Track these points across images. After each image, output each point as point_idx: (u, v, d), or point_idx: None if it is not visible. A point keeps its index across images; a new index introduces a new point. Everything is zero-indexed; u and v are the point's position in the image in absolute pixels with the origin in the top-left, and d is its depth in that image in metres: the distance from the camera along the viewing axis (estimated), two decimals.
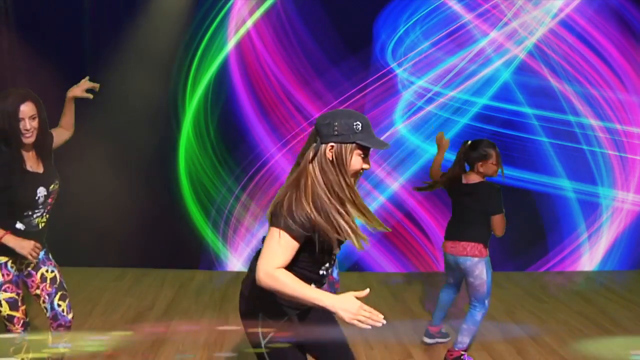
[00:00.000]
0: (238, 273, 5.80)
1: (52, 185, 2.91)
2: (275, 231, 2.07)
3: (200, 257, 5.87)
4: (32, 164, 2.85)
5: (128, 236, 5.77)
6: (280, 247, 2.06)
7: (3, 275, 2.86)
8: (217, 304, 4.88)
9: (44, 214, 2.93)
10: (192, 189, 5.77)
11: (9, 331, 2.91)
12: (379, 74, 5.71)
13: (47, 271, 2.99)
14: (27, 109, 2.71)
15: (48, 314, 3.01)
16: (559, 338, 4.26)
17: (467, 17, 5.71)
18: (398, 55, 5.74)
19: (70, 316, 3.04)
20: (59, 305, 2.97)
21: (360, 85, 5.70)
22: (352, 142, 2.08)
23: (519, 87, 5.82)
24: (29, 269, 2.98)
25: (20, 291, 2.92)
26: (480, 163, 3.62)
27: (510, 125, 5.77)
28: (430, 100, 5.79)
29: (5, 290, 2.87)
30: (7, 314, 2.88)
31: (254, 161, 5.72)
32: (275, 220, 2.09)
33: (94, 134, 5.54)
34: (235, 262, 5.89)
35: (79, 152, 5.46)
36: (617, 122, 5.94)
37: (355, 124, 2.07)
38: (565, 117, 5.87)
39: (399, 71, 5.75)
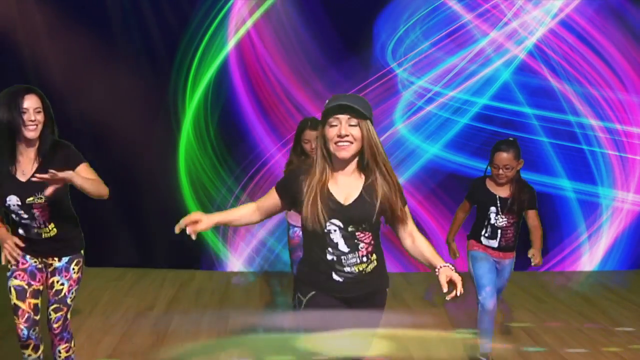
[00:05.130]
0: (238, 273, 5.81)
1: (31, 198, 2.74)
2: None
3: (200, 257, 5.87)
4: (25, 168, 2.76)
5: (128, 236, 5.78)
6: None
7: (18, 263, 2.85)
8: (217, 304, 4.88)
9: (41, 225, 2.83)
10: (192, 189, 5.77)
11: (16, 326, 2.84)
12: (379, 74, 5.71)
13: (57, 282, 2.90)
14: (32, 101, 2.67)
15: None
16: (559, 338, 4.26)
17: (467, 17, 5.71)
18: (398, 55, 5.74)
19: (56, 325, 2.91)
20: (49, 314, 2.91)
21: (360, 85, 5.69)
22: (323, 116, 2.21)
23: (519, 87, 5.82)
24: (48, 269, 2.92)
25: (34, 283, 2.87)
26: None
27: (510, 125, 5.76)
28: (430, 100, 5.79)
29: (15, 277, 2.85)
30: (14, 303, 2.83)
31: (254, 161, 5.71)
32: None
33: (93, 133, 5.55)
34: (235, 262, 5.89)
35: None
36: (617, 122, 5.93)
37: (327, 101, 2.20)
38: (565, 117, 5.87)
39: (399, 71, 5.75)
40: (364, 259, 2.27)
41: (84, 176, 2.75)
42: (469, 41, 5.75)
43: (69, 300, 2.94)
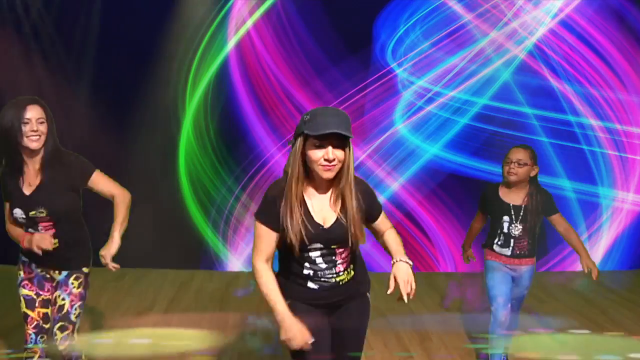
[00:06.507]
0: (238, 273, 5.81)
1: (33, 212, 2.76)
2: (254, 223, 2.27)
3: (200, 257, 5.87)
4: (31, 180, 2.78)
5: (128, 236, 5.74)
6: (256, 237, 2.24)
7: (24, 272, 2.90)
8: (217, 304, 4.89)
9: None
10: (192, 189, 5.77)
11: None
12: (379, 74, 5.71)
13: (59, 296, 2.88)
14: (34, 111, 2.68)
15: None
16: None
17: (467, 17, 5.71)
18: (398, 55, 5.74)
19: (61, 347, 2.85)
20: (55, 334, 2.86)
21: (360, 85, 5.70)
22: (301, 133, 2.15)
23: (519, 87, 5.82)
24: (53, 281, 2.92)
25: (43, 293, 2.91)
26: None
27: (510, 125, 5.76)
28: (430, 100, 5.79)
29: (23, 287, 2.90)
30: (23, 312, 2.88)
31: (254, 161, 5.72)
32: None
33: (93, 133, 5.55)
34: (235, 262, 5.89)
35: (78, 152, 5.47)
36: (617, 122, 5.93)
37: (305, 117, 2.15)
38: (565, 117, 5.87)
39: (399, 71, 5.75)
40: (341, 273, 2.31)
41: (103, 185, 3.13)
42: (469, 41, 5.74)
43: (72, 317, 2.90)
